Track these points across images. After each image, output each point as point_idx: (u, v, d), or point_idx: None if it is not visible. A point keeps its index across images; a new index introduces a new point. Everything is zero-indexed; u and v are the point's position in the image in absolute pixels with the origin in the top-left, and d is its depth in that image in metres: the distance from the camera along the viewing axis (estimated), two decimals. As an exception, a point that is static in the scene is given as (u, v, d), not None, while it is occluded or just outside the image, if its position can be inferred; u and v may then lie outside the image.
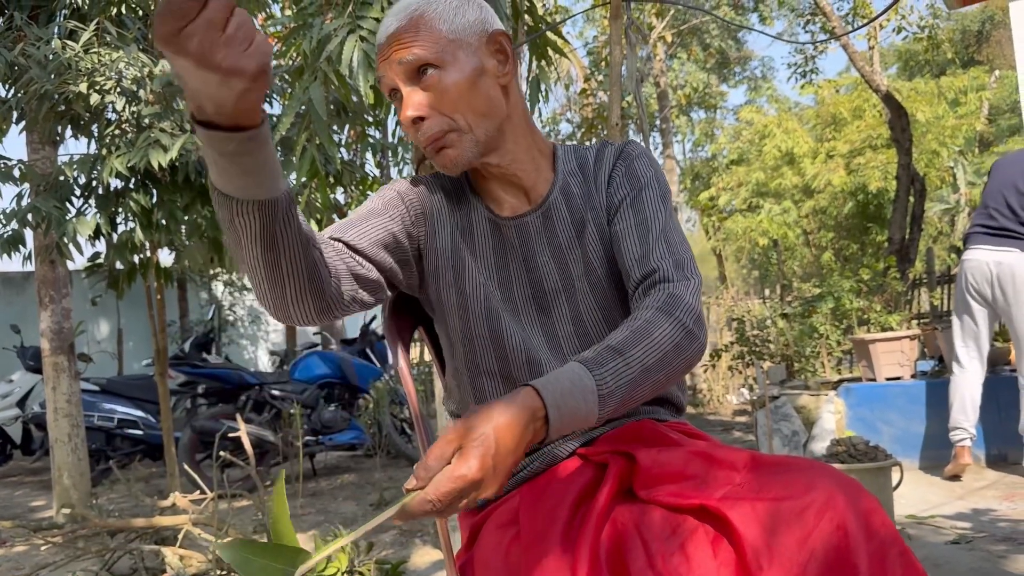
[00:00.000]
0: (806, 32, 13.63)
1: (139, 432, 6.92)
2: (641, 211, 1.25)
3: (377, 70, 1.23)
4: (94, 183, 4.51)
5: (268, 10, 5.71)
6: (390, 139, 6.86)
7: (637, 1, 9.69)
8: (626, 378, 1.04)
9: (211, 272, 11.82)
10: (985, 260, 4.03)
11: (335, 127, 4.64)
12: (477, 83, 1.21)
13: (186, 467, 4.23)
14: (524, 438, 0.94)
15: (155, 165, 3.96)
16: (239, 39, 0.79)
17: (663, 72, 14.76)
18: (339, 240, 1.21)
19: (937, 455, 4.56)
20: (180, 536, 3.40)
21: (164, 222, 4.37)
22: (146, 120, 4.21)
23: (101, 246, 4.74)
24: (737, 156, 15.61)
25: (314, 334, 8.71)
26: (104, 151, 4.29)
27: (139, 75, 4.17)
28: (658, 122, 15.32)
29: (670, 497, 1.06)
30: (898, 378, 4.82)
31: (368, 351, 7.19)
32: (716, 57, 18.14)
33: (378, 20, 2.77)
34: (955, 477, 4.17)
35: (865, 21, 8.84)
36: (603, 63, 13.12)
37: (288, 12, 6.10)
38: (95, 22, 4.27)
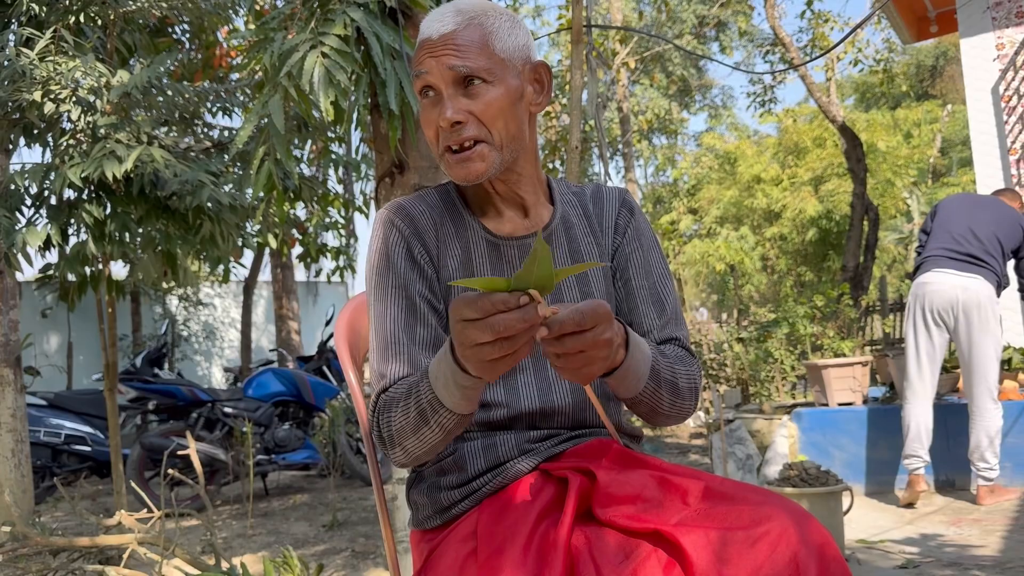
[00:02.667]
0: (765, 62, 13.90)
1: (87, 448, 6.76)
2: (651, 275, 1.36)
3: (418, 62, 1.23)
4: (46, 193, 4.42)
5: (231, 24, 5.67)
6: (353, 155, 6.83)
7: (599, 28, 9.81)
8: (664, 375, 1.20)
9: (165, 286, 11.64)
10: (950, 284, 4.04)
11: (296, 142, 4.62)
12: (515, 105, 1.24)
13: (134, 485, 4.14)
14: (616, 337, 1.03)
15: (109, 176, 3.90)
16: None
17: (626, 97, 14.92)
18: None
19: (887, 480, 4.63)
20: (125, 556, 3.31)
21: (117, 234, 4.29)
22: (102, 130, 4.14)
23: (52, 257, 4.64)
24: (697, 181, 15.83)
25: (270, 351, 8.60)
26: (58, 161, 4.21)
27: (96, 85, 4.11)
28: (620, 146, 15.47)
29: (626, 520, 1.07)
30: (850, 404, 4.89)
31: (325, 369, 7.11)
32: (678, 84, 18.40)
33: (340, 37, 2.76)
34: (910, 505, 4.22)
35: (821, 52, 9.06)
36: (566, 87, 13.24)
37: (251, 26, 6.06)
38: (52, 30, 4.20)
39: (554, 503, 1.15)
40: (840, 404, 4.88)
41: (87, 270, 4.59)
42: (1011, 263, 4.26)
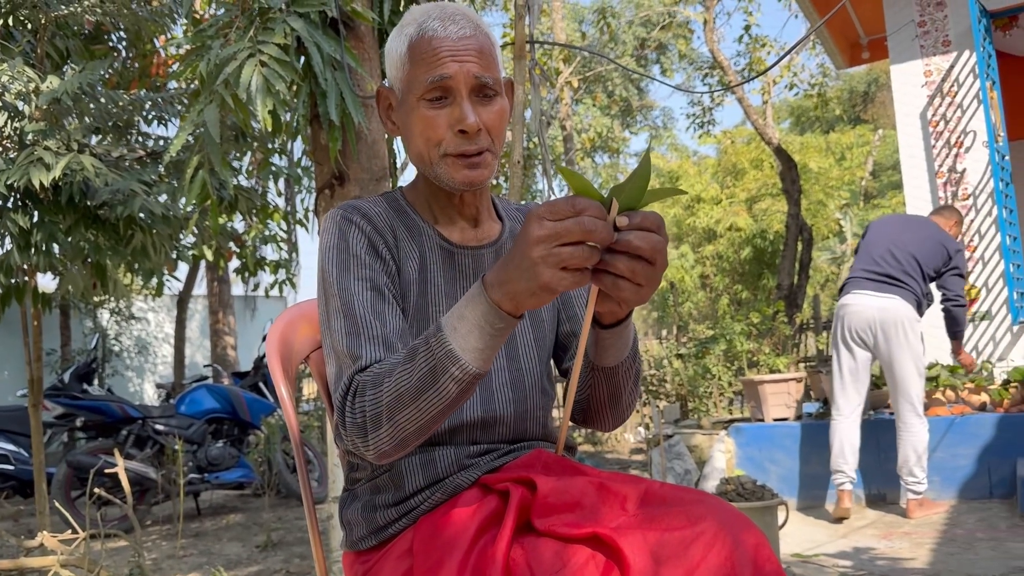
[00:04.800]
0: (704, 84, 14.18)
1: (9, 467, 6.51)
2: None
3: (436, 63, 1.19)
4: (-31, 201, 4.25)
5: (170, 32, 5.56)
6: (295, 167, 6.73)
7: (541, 44, 9.88)
8: (638, 357, 1.27)
9: (97, 299, 11.31)
10: (869, 305, 4.18)
11: (235, 152, 4.53)
12: (507, 118, 1.27)
13: (58, 505, 3.98)
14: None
15: (36, 184, 3.76)
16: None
17: (569, 116, 15.06)
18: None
19: (821, 495, 4.71)
20: (46, 579, 3.19)
21: (44, 244, 4.14)
22: (30, 137, 4.00)
23: (-26, 268, 4.46)
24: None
25: (205, 366, 8.40)
26: (-18, 167, 4.06)
27: (24, 90, 3.97)
28: (564, 164, 15.60)
29: (565, 527, 1.06)
30: (785, 419, 4.97)
31: (261, 385, 6.96)
32: (620, 104, 18.65)
33: (280, 46, 2.72)
34: (840, 519, 4.30)
35: (758, 73, 9.29)
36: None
37: (190, 34, 5.95)
38: (-22, 33, 4.06)
39: (493, 517, 1.13)
40: (775, 419, 4.96)
41: (12, 281, 4.43)
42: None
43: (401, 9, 3.14)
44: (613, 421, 1.32)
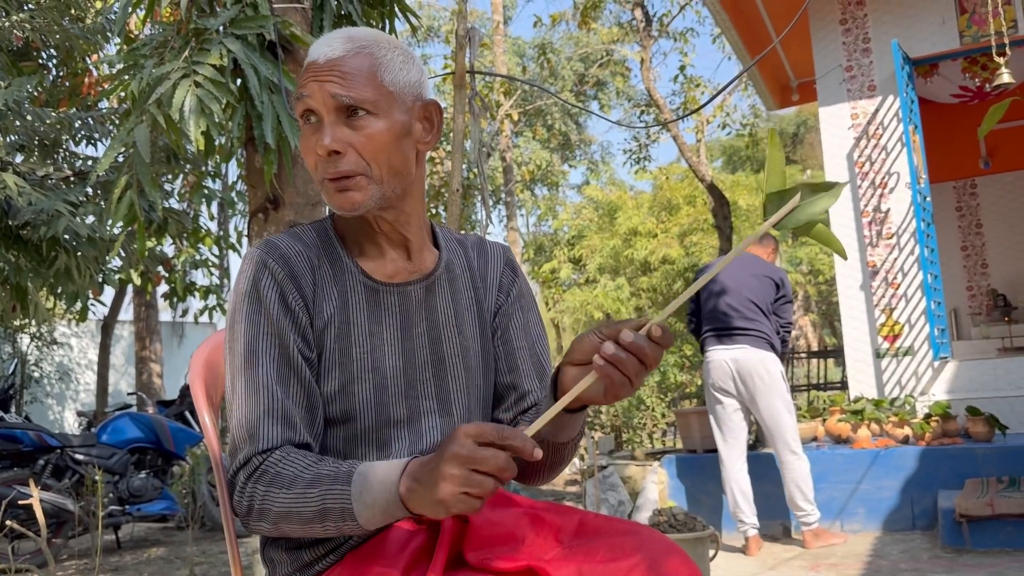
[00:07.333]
0: (641, 121, 14.45)
1: (-86, 499, 6.17)
2: (531, 336, 1.37)
3: (301, 85, 1.19)
4: None
5: (103, 51, 5.44)
6: (230, 191, 6.61)
7: (482, 74, 9.97)
8: (582, 431, 1.27)
9: (16, 323, 10.90)
10: (722, 358, 4.39)
11: (167, 175, 4.44)
12: (401, 141, 1.19)
13: (-35, 539, 3.79)
14: None
15: (-46, 202, 3.63)
16: None
17: (509, 148, 15.18)
18: (312, 434, 1.17)
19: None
20: (-52, 618, 3.01)
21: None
22: (-52, 153, 3.86)
23: None
24: (578, 232, 16.21)
25: (129, 394, 8.12)
26: None
27: (-56, 104, 3.84)
28: (503, 195, 15.70)
29: (498, 560, 1.05)
30: (716, 450, 5.02)
31: (187, 414, 6.76)
32: (559, 138, 18.89)
33: (215, 67, 2.68)
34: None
35: (691, 110, 9.54)
36: (451, 134, 13.34)
37: (123, 52, 5.83)
38: None
39: (424, 550, 1.11)
40: (707, 451, 5.01)
41: (-77, 303, 4.24)
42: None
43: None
44: (548, 479, 1.32)
